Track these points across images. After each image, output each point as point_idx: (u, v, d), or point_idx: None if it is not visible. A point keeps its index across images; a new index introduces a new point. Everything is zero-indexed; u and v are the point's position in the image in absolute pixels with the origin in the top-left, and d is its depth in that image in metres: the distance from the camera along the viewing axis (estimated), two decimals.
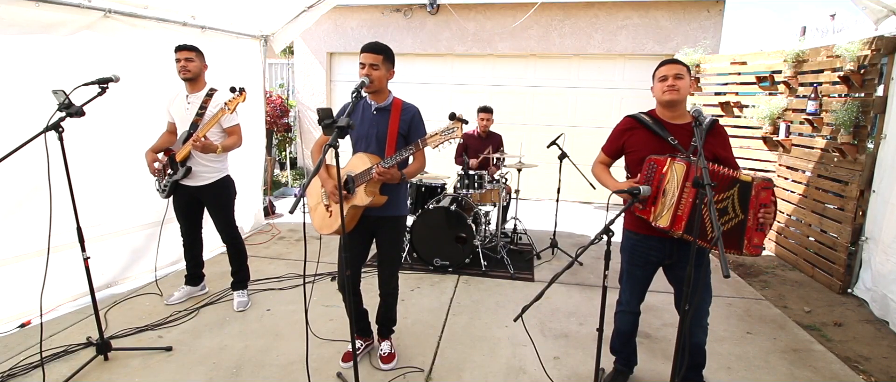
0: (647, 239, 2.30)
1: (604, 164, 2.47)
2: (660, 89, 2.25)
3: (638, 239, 2.34)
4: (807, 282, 4.26)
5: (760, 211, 2.05)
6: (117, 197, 3.67)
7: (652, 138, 2.25)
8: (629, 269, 2.41)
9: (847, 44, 4.00)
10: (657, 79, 2.27)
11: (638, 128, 2.31)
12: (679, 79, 2.19)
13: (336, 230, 2.46)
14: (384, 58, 2.39)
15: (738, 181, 2.04)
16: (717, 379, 2.69)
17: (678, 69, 2.21)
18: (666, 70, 2.24)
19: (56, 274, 2.99)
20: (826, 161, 4.29)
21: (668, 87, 2.20)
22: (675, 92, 2.20)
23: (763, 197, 2.05)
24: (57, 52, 3.15)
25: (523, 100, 7.47)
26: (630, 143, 2.33)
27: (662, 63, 2.29)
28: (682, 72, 2.21)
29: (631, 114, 2.37)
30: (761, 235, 2.08)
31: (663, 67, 2.26)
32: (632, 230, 2.37)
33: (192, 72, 3.11)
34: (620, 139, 2.38)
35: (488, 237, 4.70)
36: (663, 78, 2.23)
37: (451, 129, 2.25)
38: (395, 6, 7.41)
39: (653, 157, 2.15)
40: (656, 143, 2.22)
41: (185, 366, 2.69)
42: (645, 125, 2.28)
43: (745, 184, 2.04)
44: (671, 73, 2.20)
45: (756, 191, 2.04)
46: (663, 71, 2.25)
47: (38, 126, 2.34)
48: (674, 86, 2.19)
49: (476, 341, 3.05)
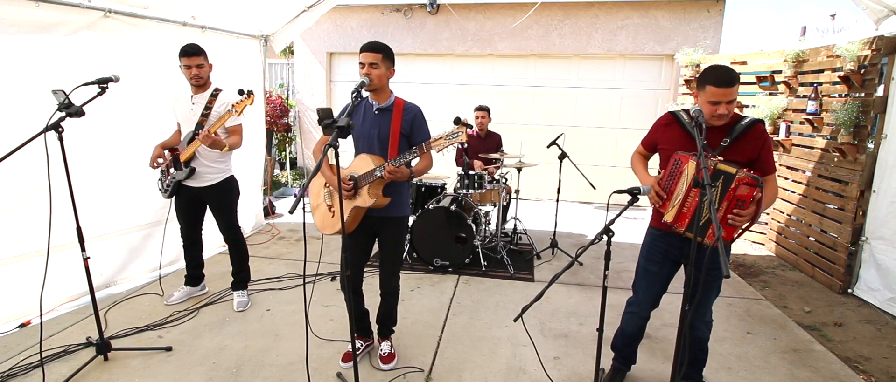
0: (667, 236, 2.30)
1: (641, 155, 2.49)
2: (709, 112, 2.05)
3: (657, 235, 2.34)
4: (807, 282, 4.26)
5: (734, 209, 2.00)
6: (116, 197, 3.66)
7: (684, 136, 2.22)
8: (645, 265, 2.40)
9: (847, 44, 4.00)
10: (706, 99, 2.05)
11: (674, 125, 2.30)
12: (730, 105, 2.03)
13: (338, 230, 2.46)
14: (383, 56, 2.39)
15: (723, 172, 2.01)
16: (717, 379, 2.69)
17: (732, 95, 2.00)
18: (719, 95, 2.00)
19: (56, 274, 2.99)
20: (826, 161, 4.29)
21: (719, 116, 2.05)
22: (723, 120, 2.06)
23: (742, 191, 1.98)
24: (57, 52, 3.15)
25: (523, 100, 7.46)
26: (664, 139, 2.32)
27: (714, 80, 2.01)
28: (735, 97, 2.02)
29: (672, 110, 2.34)
30: (730, 229, 2.04)
31: (716, 90, 2.00)
32: (654, 226, 2.37)
33: (204, 77, 3.11)
34: (657, 133, 2.37)
35: (488, 237, 4.70)
36: (715, 103, 2.02)
37: (456, 134, 2.25)
38: (395, 6, 7.41)
39: (679, 153, 2.14)
40: (687, 141, 2.20)
41: (184, 366, 2.69)
42: (681, 123, 2.26)
43: (728, 176, 2.01)
44: (724, 100, 2.00)
45: (736, 184, 1.99)
46: (716, 95, 2.00)
47: (38, 126, 2.34)
48: (724, 116, 2.04)
49: (476, 341, 3.05)
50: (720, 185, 2.02)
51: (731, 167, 2.01)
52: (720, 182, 2.02)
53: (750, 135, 2.12)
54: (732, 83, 2.00)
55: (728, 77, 1.99)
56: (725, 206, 2.02)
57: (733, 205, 2.01)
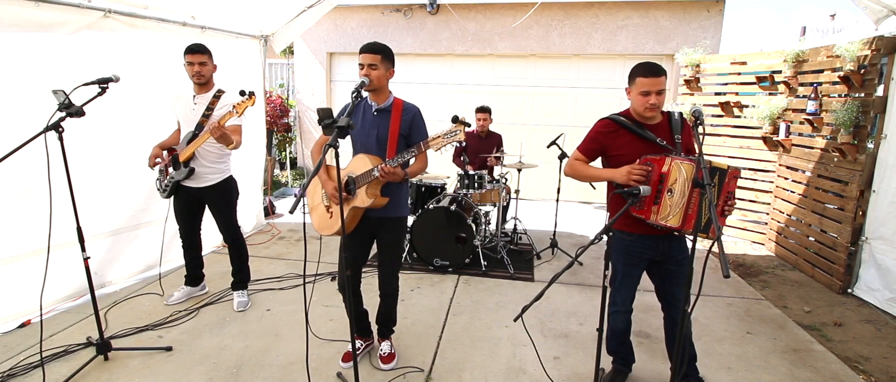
0: (642, 239, 2.31)
1: (581, 162, 2.41)
2: (641, 103, 2.19)
3: (632, 239, 2.33)
4: (807, 282, 4.26)
5: (728, 201, 2.10)
6: (116, 196, 3.66)
7: (637, 140, 2.25)
8: (625, 270, 2.39)
9: (847, 44, 4.00)
10: (638, 91, 2.19)
11: (619, 131, 2.30)
12: (661, 95, 2.16)
13: (336, 231, 2.45)
14: (383, 57, 2.39)
15: (718, 169, 2.09)
16: (717, 379, 2.69)
17: (661, 84, 2.14)
18: (649, 85, 2.14)
19: (55, 274, 2.99)
20: (826, 161, 4.29)
21: (651, 106, 2.17)
22: (656, 110, 2.20)
23: (732, 184, 2.10)
24: (57, 52, 3.15)
25: (523, 100, 7.46)
26: (613, 146, 2.31)
27: (643, 72, 2.16)
28: (664, 87, 2.16)
29: (608, 117, 2.35)
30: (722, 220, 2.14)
31: (645, 80, 2.15)
32: (626, 231, 2.33)
33: (206, 76, 3.10)
34: (600, 141, 2.35)
35: (488, 237, 4.70)
36: (645, 93, 2.15)
37: (454, 132, 2.25)
38: (395, 6, 7.41)
39: (649, 157, 2.15)
40: (643, 145, 2.23)
41: (185, 366, 2.69)
42: (626, 127, 2.27)
43: (722, 172, 2.09)
44: (654, 90, 2.14)
45: (729, 179, 2.09)
46: (646, 84, 2.15)
47: (38, 126, 2.34)
48: (656, 105, 2.17)
49: (476, 341, 3.05)
50: (717, 183, 2.07)
51: (721, 163, 2.11)
52: (716, 179, 2.07)
53: (686, 128, 2.32)
54: (660, 73, 2.15)
55: (655, 69, 2.16)
56: (722, 201, 2.10)
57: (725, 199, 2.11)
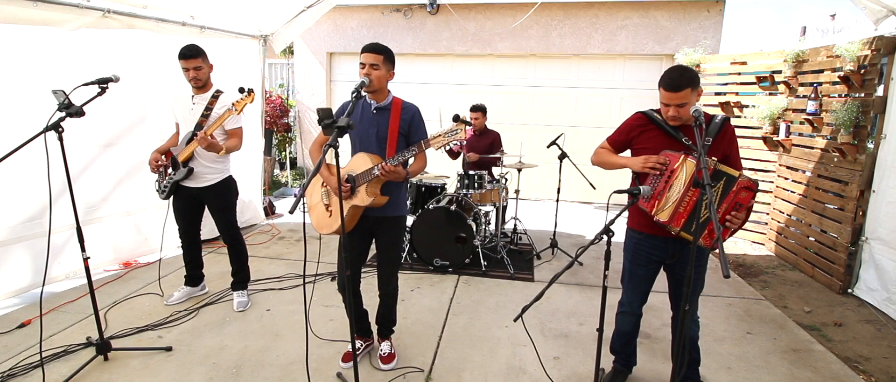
0: (651, 239, 2.30)
1: (608, 150, 2.45)
2: (663, 111, 2.20)
3: (641, 238, 2.34)
4: (807, 282, 4.26)
5: (732, 211, 2.05)
6: (115, 195, 3.66)
7: (665, 137, 2.24)
8: (631, 269, 2.40)
9: (847, 44, 4.00)
10: (661, 100, 2.18)
11: (650, 126, 2.30)
12: (681, 109, 2.11)
13: (336, 230, 2.45)
14: (384, 58, 2.39)
15: (725, 174, 2.05)
16: (717, 379, 2.69)
17: (681, 98, 2.09)
18: (667, 99, 2.12)
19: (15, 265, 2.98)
20: (826, 161, 4.29)
21: (672, 118, 2.16)
22: (677, 121, 2.17)
23: (742, 196, 2.03)
24: (57, 52, 3.15)
25: (523, 100, 7.46)
26: (641, 140, 2.31)
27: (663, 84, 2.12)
28: (685, 101, 2.09)
29: (642, 111, 2.35)
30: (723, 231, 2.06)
31: (665, 93, 2.12)
32: (635, 229, 2.36)
33: (203, 79, 3.09)
34: (630, 134, 2.36)
35: (488, 237, 4.70)
36: (665, 105, 2.15)
37: (455, 131, 2.25)
38: (395, 6, 7.41)
39: (668, 152, 2.15)
40: (670, 142, 2.22)
41: (185, 366, 2.69)
42: (657, 124, 2.27)
43: (730, 178, 2.05)
44: (673, 103, 2.11)
45: (737, 188, 2.04)
46: (664, 98, 2.13)
47: (38, 125, 2.34)
48: (677, 117, 2.14)
49: (476, 341, 3.05)
50: (722, 187, 2.04)
51: (732, 170, 2.06)
52: (721, 183, 2.04)
53: (724, 132, 2.20)
54: (679, 88, 2.06)
55: (676, 82, 2.07)
56: (724, 208, 2.05)
57: (732, 208, 2.05)
